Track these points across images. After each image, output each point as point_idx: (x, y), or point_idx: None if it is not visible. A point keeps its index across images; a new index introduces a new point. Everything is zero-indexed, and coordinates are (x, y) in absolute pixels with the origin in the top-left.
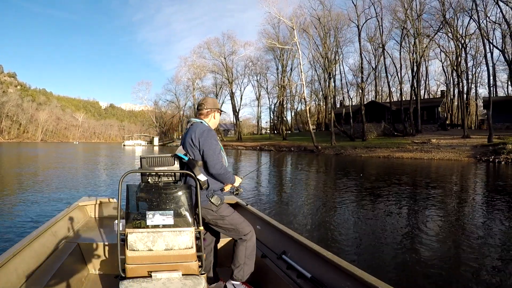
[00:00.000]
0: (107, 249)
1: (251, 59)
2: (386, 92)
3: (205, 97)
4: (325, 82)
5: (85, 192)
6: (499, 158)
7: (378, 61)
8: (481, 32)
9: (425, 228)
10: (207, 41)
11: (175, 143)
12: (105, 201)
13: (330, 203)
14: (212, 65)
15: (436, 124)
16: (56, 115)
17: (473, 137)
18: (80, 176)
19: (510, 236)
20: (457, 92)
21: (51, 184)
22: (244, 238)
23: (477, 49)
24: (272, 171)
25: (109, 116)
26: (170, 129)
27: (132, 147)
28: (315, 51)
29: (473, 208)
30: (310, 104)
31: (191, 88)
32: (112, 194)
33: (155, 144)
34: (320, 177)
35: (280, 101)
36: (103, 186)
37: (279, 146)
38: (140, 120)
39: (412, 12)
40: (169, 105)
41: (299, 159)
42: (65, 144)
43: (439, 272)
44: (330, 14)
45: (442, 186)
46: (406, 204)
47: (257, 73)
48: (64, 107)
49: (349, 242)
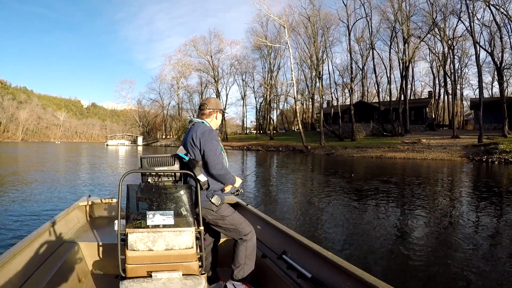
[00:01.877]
0: (107, 249)
1: (237, 58)
2: (372, 93)
3: (208, 97)
4: (312, 82)
5: (82, 193)
6: (492, 158)
7: (365, 62)
8: (472, 36)
9: (426, 228)
10: (194, 39)
11: (159, 142)
12: (105, 201)
13: (333, 203)
14: (198, 63)
15: (424, 124)
16: (37, 114)
17: (462, 137)
18: (69, 178)
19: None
20: (443, 93)
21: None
22: (244, 238)
23: (463, 51)
24: (267, 171)
25: (91, 115)
26: (154, 128)
27: (115, 147)
28: (302, 51)
29: (476, 206)
30: (298, 104)
31: (176, 87)
32: (112, 194)
33: (139, 144)
34: (319, 178)
35: (268, 101)
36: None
37: (266, 146)
38: (123, 119)
39: (402, 13)
40: (152, 104)
41: (290, 159)
42: (47, 144)
43: (432, 265)
44: (319, 14)
45: (441, 186)
46: (407, 204)
47: (243, 72)
48: (45, 106)
49: (345, 239)
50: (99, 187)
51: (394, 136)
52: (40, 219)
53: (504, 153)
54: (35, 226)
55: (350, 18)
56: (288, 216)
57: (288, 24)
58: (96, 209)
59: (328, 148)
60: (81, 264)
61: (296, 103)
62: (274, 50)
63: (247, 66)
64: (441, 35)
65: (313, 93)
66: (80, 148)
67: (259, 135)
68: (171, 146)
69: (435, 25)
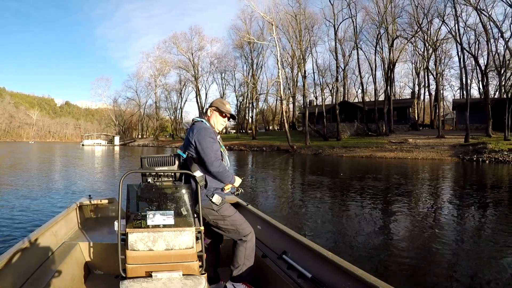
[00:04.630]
0: (107, 249)
1: (217, 56)
2: (352, 93)
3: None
4: (293, 81)
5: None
6: (482, 157)
7: (347, 62)
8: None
9: (427, 227)
10: (174, 36)
11: (137, 142)
12: (105, 201)
13: (350, 207)
14: (177, 60)
15: (407, 125)
16: (9, 113)
17: (447, 137)
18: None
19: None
20: (424, 93)
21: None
22: (244, 239)
23: (445, 52)
24: (256, 172)
25: (65, 114)
26: (129, 128)
27: (91, 147)
28: (284, 50)
29: (479, 206)
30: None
31: (153, 85)
32: (112, 194)
33: (115, 143)
34: (319, 180)
35: (251, 99)
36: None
37: (249, 146)
38: (97, 118)
39: (387, 14)
40: (129, 103)
41: (277, 159)
42: (20, 144)
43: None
44: (304, 13)
45: (439, 185)
46: (408, 204)
47: (223, 71)
48: (17, 104)
49: (344, 239)
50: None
51: (379, 136)
52: (30, 222)
53: (493, 152)
54: (34, 227)
55: (337, 17)
56: (288, 215)
57: (275, 21)
58: (96, 209)
59: (314, 148)
60: (81, 264)
61: (283, 102)
62: (257, 48)
63: (227, 64)
64: (425, 37)
65: (294, 92)
66: (54, 148)
67: (239, 134)
68: (148, 146)
69: (420, 29)
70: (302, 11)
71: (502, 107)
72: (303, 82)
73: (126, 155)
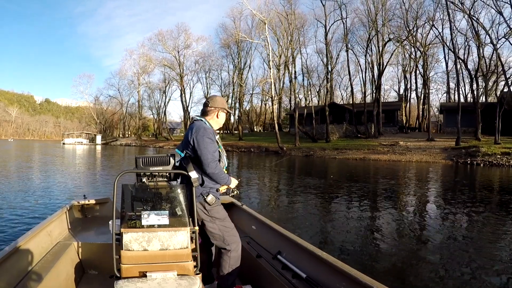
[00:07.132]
0: (102, 249)
1: (202, 54)
2: (337, 95)
3: (213, 95)
4: (279, 82)
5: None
6: (476, 160)
7: (334, 64)
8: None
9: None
10: (160, 33)
11: (119, 141)
12: (100, 201)
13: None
14: (162, 58)
15: (396, 127)
16: None
17: (437, 140)
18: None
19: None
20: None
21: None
22: (228, 249)
23: (432, 55)
24: (249, 174)
25: (44, 112)
26: (111, 126)
27: (72, 145)
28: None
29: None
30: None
31: (136, 84)
32: (107, 194)
33: (97, 142)
34: (318, 183)
35: (239, 99)
36: None
37: (237, 146)
38: (77, 116)
39: (377, 18)
40: (110, 101)
41: (268, 161)
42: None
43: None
44: (294, 13)
45: (439, 186)
46: (409, 204)
47: (208, 70)
48: None
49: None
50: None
51: (368, 138)
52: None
53: (486, 155)
54: (27, 227)
55: (328, 19)
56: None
57: (268, 19)
58: (91, 209)
59: (305, 150)
60: (76, 264)
61: (274, 102)
62: (245, 47)
63: (213, 64)
64: (413, 41)
65: (281, 93)
66: (34, 146)
67: (225, 135)
68: (131, 146)
69: (410, 33)
70: (292, 11)
71: (490, 111)
72: (293, 82)
73: (110, 154)
